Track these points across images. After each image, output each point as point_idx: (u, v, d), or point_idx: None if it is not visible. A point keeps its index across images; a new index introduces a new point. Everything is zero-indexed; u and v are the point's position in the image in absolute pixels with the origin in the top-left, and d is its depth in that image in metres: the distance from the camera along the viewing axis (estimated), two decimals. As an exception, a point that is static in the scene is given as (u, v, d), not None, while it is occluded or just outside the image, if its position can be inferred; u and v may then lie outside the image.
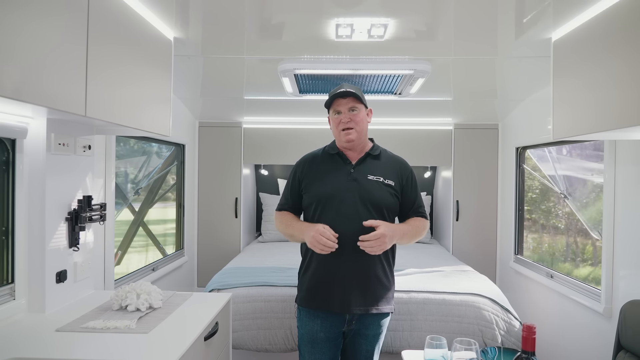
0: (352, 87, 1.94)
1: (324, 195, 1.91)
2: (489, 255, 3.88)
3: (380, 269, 1.91)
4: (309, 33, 2.12)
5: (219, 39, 2.24)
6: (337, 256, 1.84)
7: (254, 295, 2.50)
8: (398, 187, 1.96)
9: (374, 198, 1.89)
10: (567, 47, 1.97)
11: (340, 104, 1.93)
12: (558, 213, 3.30)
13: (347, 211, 1.87)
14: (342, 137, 1.94)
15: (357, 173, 1.93)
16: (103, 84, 1.56)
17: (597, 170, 2.84)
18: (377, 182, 1.92)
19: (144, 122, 1.91)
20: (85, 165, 2.00)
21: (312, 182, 1.97)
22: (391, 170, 1.97)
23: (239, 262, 3.17)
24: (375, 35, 2.03)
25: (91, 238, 2.07)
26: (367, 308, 1.89)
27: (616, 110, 1.60)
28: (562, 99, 2.01)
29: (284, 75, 2.66)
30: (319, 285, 1.91)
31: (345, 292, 1.87)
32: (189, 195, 3.78)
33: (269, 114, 3.83)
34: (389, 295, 1.96)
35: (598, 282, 2.88)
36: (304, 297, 1.95)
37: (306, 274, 1.96)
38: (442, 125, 3.93)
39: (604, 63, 1.68)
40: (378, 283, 1.91)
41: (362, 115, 1.95)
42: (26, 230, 1.74)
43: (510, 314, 2.47)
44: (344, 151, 2.00)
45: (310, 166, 2.02)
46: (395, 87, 2.94)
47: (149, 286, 1.89)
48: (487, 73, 2.78)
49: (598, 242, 2.97)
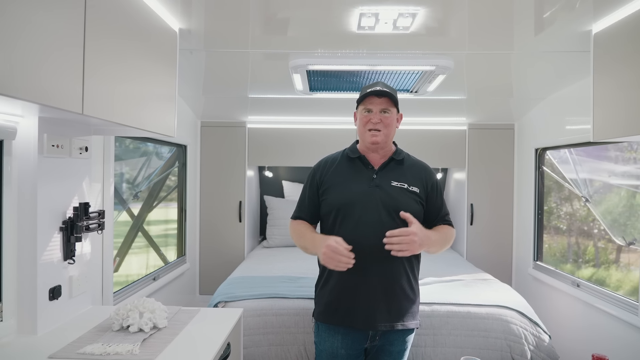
0: (388, 87, 1.80)
1: (345, 203, 1.77)
2: (505, 261, 3.72)
3: (405, 281, 1.77)
4: (327, 24, 1.94)
5: (223, 30, 2.06)
6: (359, 268, 1.69)
7: (264, 308, 2.32)
8: (423, 195, 1.82)
9: (398, 205, 1.74)
10: (610, 40, 1.80)
11: (373, 102, 1.78)
12: (560, 214, 3.24)
13: (370, 220, 1.72)
14: (368, 138, 1.79)
15: (380, 179, 1.79)
16: (102, 78, 1.38)
17: (614, 172, 2.73)
18: (402, 188, 1.78)
19: (147, 122, 1.73)
20: (81, 169, 1.82)
21: (331, 188, 1.82)
22: (416, 176, 1.83)
23: (245, 271, 2.99)
24: (400, 26, 1.85)
25: (88, 249, 1.88)
26: (393, 324, 1.75)
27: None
28: (603, 97, 1.84)
29: (296, 72, 2.49)
30: (340, 299, 1.77)
31: (369, 306, 1.73)
32: (190, 199, 3.59)
33: (274, 113, 3.66)
34: (414, 309, 1.82)
35: (601, 284, 2.85)
36: (323, 312, 1.82)
37: (325, 287, 1.82)
38: (455, 125, 3.76)
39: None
40: (403, 296, 1.77)
41: (393, 119, 1.81)
42: (15, 242, 1.55)
43: (539, 327, 2.31)
44: (366, 154, 1.85)
45: (329, 171, 1.86)
46: (412, 85, 2.77)
47: (153, 303, 1.71)
48: (505, 70, 2.62)
49: (600, 242, 2.95)
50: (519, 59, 2.43)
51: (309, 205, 1.88)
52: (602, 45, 1.85)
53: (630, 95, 1.66)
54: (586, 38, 1.98)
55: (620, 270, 2.73)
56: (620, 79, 1.74)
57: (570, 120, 2.92)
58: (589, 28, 1.91)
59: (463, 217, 3.76)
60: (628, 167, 2.66)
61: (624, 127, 1.72)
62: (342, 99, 3.10)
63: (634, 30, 1.64)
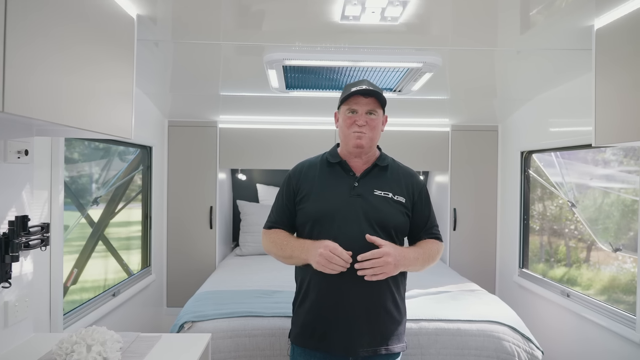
0: (374, 86, 1.63)
1: (322, 214, 1.60)
2: (489, 268, 3.59)
3: (390, 301, 1.60)
4: (306, 13, 1.74)
5: (192, 19, 1.83)
6: (338, 286, 1.54)
7: (235, 328, 2.10)
8: (409, 204, 1.66)
9: (381, 217, 1.59)
10: (614, 37, 1.66)
11: (359, 102, 1.61)
12: (533, 214, 3.23)
13: (350, 233, 1.56)
14: (351, 140, 1.61)
15: (362, 187, 1.62)
16: (32, 67, 1.13)
17: (598, 175, 2.69)
18: (386, 198, 1.62)
19: (97, 121, 1.48)
20: (20, 175, 1.56)
21: (308, 196, 1.65)
22: (401, 185, 1.67)
23: (216, 284, 2.75)
24: (389, 16, 1.66)
25: (29, 268, 1.62)
26: (375, 348, 1.59)
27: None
28: (606, 98, 1.70)
29: (271, 67, 2.27)
30: (318, 320, 1.60)
31: (349, 329, 1.56)
32: (156, 204, 3.32)
33: (248, 113, 3.43)
34: (400, 330, 1.65)
35: (573, 283, 2.85)
36: (299, 334, 1.65)
37: (302, 307, 1.65)
38: (438, 127, 3.61)
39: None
40: (388, 318, 1.60)
41: (379, 121, 1.65)
42: None
43: (532, 343, 2.17)
44: (347, 159, 1.68)
45: (306, 177, 1.69)
46: (396, 83, 2.59)
47: (104, 333, 1.46)
48: (489, 69, 2.48)
49: (571, 242, 2.96)
50: (506, 57, 2.28)
51: (285, 214, 1.70)
52: (605, 41, 1.71)
53: (637, 95, 1.52)
54: (585, 34, 1.84)
55: (590, 269, 2.75)
56: (625, 79, 1.59)
57: (558, 122, 2.81)
58: (590, 23, 1.77)
59: (446, 223, 3.61)
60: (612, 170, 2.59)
61: (630, 130, 1.58)
62: (321, 97, 2.90)
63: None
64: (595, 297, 2.50)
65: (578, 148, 2.62)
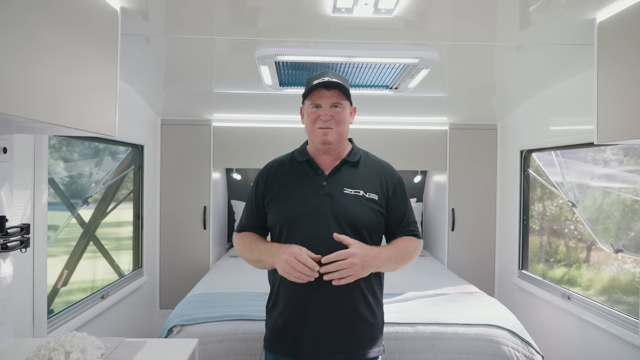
0: (338, 77, 1.55)
1: (289, 216, 1.54)
2: (487, 269, 3.53)
3: (362, 304, 1.53)
4: (296, 6, 1.67)
5: (185, 12, 1.77)
6: (308, 290, 1.48)
7: (226, 332, 2.03)
8: (382, 201, 1.57)
9: (351, 217, 1.52)
10: (617, 30, 1.59)
11: (322, 96, 1.53)
12: (532, 214, 3.18)
13: (319, 235, 1.49)
14: (317, 137, 1.55)
15: (331, 186, 1.55)
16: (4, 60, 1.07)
17: (598, 175, 2.64)
18: (356, 196, 1.54)
19: (77, 118, 1.42)
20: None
21: (276, 198, 1.59)
22: (374, 180, 1.59)
23: (208, 286, 2.68)
24: (383, 8, 1.59)
25: (9, 271, 1.56)
26: (348, 354, 1.52)
27: None
28: (609, 94, 1.63)
29: (263, 63, 2.21)
30: (288, 325, 1.55)
31: (320, 335, 1.51)
32: (149, 204, 3.25)
33: (243, 111, 3.36)
34: (376, 333, 1.58)
35: (573, 283, 2.79)
36: (270, 339, 1.61)
37: (273, 311, 1.60)
38: (436, 125, 3.55)
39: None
40: (361, 322, 1.54)
41: (346, 114, 1.56)
42: None
43: (532, 347, 2.10)
44: (315, 157, 1.61)
45: (274, 177, 1.63)
46: (392, 80, 2.52)
47: (84, 339, 1.40)
48: (488, 65, 2.42)
49: (571, 242, 2.92)
50: (505, 53, 2.22)
51: (255, 217, 1.65)
52: (607, 35, 1.64)
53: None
54: (587, 28, 1.77)
55: (590, 269, 2.72)
56: (628, 74, 1.53)
57: (558, 120, 2.74)
58: (592, 17, 1.70)
59: (444, 223, 3.54)
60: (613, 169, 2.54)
61: (634, 127, 1.51)
62: (315, 95, 2.83)
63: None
64: (596, 297, 2.45)
65: (579, 147, 2.56)
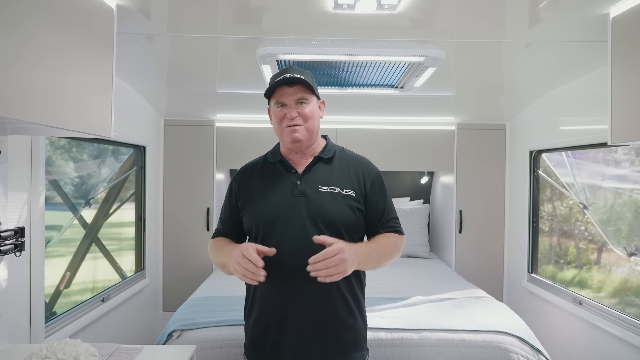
0: (300, 71, 1.50)
1: (264, 217, 1.50)
2: (496, 273, 3.45)
3: (343, 306, 1.47)
4: (297, 3, 1.62)
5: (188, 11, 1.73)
6: (283, 294, 1.45)
7: (226, 338, 1.99)
8: (360, 197, 1.51)
9: (327, 215, 1.46)
10: (633, 25, 1.52)
11: (284, 93, 1.48)
12: (542, 215, 3.12)
13: (294, 237, 1.44)
14: (287, 136, 1.50)
15: (305, 184, 1.50)
16: None
17: (610, 175, 2.57)
18: (332, 193, 1.49)
19: (71, 119, 1.38)
20: (-9, 177, 1.46)
21: (250, 200, 1.54)
22: (351, 176, 1.53)
23: (210, 289, 2.64)
24: (386, 4, 1.54)
25: (3, 275, 1.53)
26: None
27: None
28: (624, 92, 1.56)
29: (265, 62, 2.16)
30: (266, 332, 1.49)
31: (298, 341, 1.45)
32: (151, 206, 3.22)
33: (246, 111, 3.32)
34: (358, 337, 1.52)
35: (583, 285, 2.73)
36: (249, 346, 1.56)
37: (250, 317, 1.55)
38: (443, 125, 3.48)
39: None
40: (341, 326, 1.48)
41: (313, 109, 1.51)
42: None
43: (542, 354, 2.04)
44: (288, 156, 1.57)
45: (249, 180, 1.58)
46: (397, 79, 2.47)
47: (77, 346, 1.37)
48: (497, 63, 2.35)
49: (581, 243, 2.85)
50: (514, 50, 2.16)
51: (230, 221, 1.61)
52: (622, 31, 1.57)
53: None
54: (600, 24, 1.70)
55: (601, 271, 2.65)
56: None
57: (569, 120, 2.67)
58: (605, 11, 1.63)
59: (451, 225, 3.48)
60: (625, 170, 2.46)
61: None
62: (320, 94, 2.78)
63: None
64: (607, 300, 2.38)
65: (591, 147, 2.48)
